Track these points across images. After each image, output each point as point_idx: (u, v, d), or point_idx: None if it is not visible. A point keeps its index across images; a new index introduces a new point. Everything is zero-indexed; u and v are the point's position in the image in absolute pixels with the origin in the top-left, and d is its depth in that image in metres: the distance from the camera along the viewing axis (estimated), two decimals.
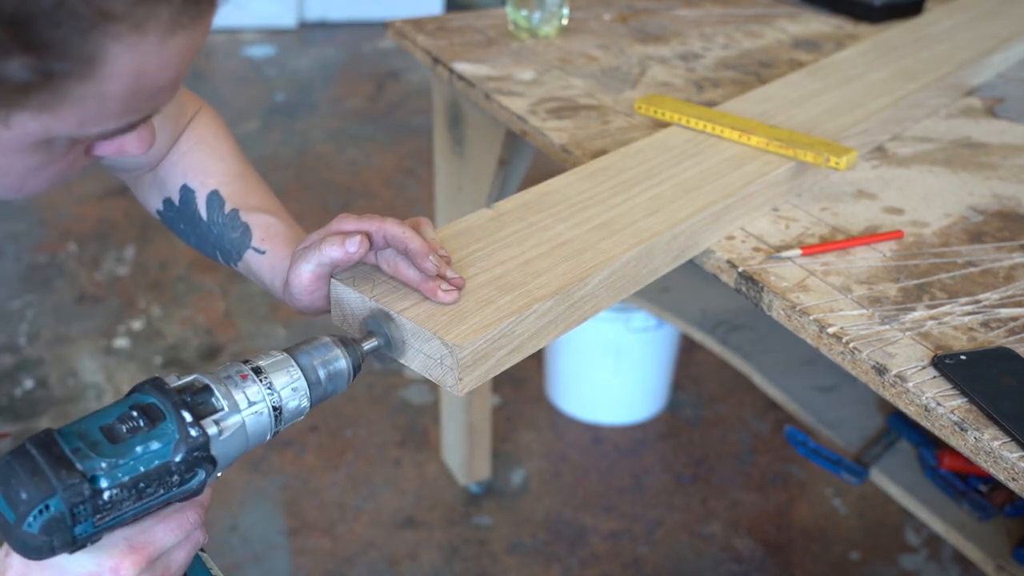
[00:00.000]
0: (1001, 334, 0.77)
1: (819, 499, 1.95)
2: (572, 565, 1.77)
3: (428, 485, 1.94)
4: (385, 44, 4.34)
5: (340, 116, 3.59)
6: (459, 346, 0.63)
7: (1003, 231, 0.93)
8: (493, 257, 0.75)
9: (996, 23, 1.41)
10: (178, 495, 0.55)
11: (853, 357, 0.75)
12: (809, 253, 0.87)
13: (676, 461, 2.03)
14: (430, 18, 1.52)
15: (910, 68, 1.21)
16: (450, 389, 0.66)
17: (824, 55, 1.39)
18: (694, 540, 1.83)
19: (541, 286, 0.71)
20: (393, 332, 0.68)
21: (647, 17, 1.57)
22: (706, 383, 2.27)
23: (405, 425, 2.09)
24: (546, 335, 0.72)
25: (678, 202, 0.85)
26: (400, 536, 1.82)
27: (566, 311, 0.73)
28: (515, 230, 0.79)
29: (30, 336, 2.31)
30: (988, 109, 1.23)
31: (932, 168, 1.06)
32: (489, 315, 0.67)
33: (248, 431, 0.57)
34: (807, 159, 0.93)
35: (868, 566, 1.79)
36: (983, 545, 1.17)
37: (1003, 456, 0.65)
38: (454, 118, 1.47)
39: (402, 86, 3.91)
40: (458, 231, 0.78)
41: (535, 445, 2.06)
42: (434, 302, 0.67)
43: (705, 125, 1.00)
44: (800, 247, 0.87)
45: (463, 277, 0.70)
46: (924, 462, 1.30)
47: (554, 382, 2.15)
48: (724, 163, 0.93)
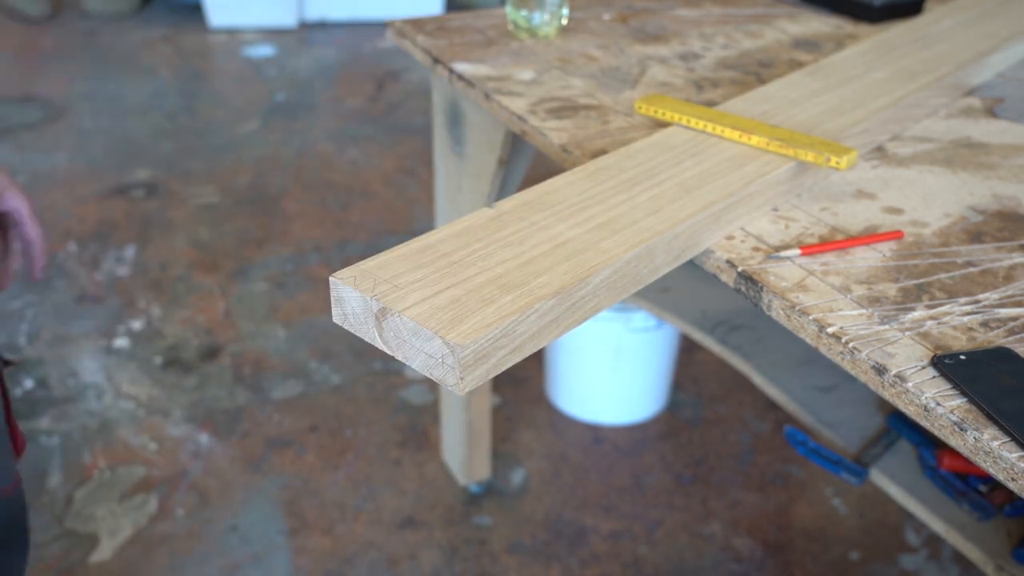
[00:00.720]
0: (1001, 334, 0.77)
1: (819, 499, 1.95)
2: (572, 565, 1.77)
3: (428, 485, 1.94)
4: (385, 44, 4.34)
5: (340, 116, 3.59)
6: (460, 345, 0.63)
7: (1003, 231, 0.93)
8: (494, 256, 0.75)
9: (996, 23, 1.41)
10: None
11: (852, 357, 0.75)
12: (808, 253, 0.87)
13: (676, 461, 2.03)
14: (430, 18, 1.52)
15: (910, 68, 1.21)
16: (451, 388, 0.66)
17: (824, 55, 1.39)
18: (694, 540, 1.83)
19: (542, 285, 0.71)
20: None
21: (647, 17, 1.57)
22: (706, 383, 2.27)
23: (405, 425, 2.09)
24: (547, 335, 0.72)
25: (679, 202, 0.85)
26: (400, 536, 1.82)
27: (567, 311, 0.73)
28: (516, 229, 0.79)
29: (30, 336, 2.31)
30: (988, 109, 1.23)
31: (932, 168, 1.06)
32: (490, 314, 0.67)
33: None
34: (808, 159, 0.93)
35: (868, 566, 1.79)
36: (983, 545, 1.17)
37: (1003, 456, 0.65)
38: (454, 118, 1.47)
39: (402, 86, 3.91)
40: (459, 231, 0.78)
41: (535, 445, 2.06)
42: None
43: (706, 125, 1.00)
44: (799, 247, 0.87)
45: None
46: (924, 462, 1.30)
47: (554, 382, 2.15)
48: (725, 163, 0.93)
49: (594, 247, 0.77)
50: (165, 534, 1.80)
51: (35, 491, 1.88)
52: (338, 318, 0.73)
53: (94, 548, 1.77)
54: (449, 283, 0.70)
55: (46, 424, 2.05)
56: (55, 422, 2.05)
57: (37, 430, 2.03)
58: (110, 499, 1.87)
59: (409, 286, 0.70)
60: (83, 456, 1.97)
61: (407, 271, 0.71)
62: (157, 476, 1.93)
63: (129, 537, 1.79)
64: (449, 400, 1.86)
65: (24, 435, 1.03)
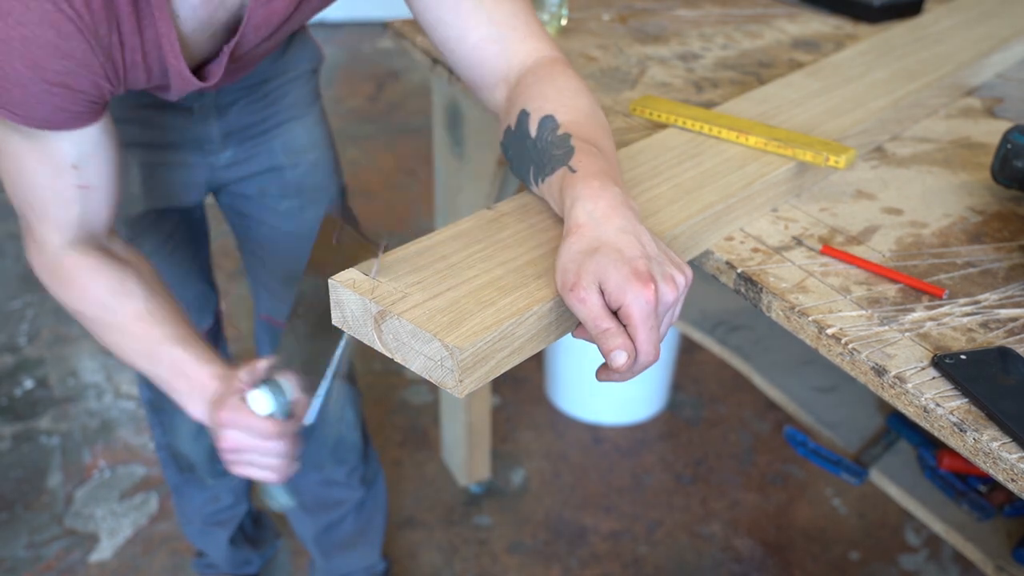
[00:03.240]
0: (1000, 335, 0.77)
1: (819, 499, 1.95)
2: (572, 565, 1.77)
3: (428, 485, 1.94)
4: (385, 44, 4.34)
5: (340, 116, 3.59)
6: (459, 348, 0.63)
7: (1002, 231, 0.93)
8: (494, 258, 0.74)
9: (996, 23, 1.41)
10: None
11: (852, 358, 0.75)
12: (828, 253, 0.86)
13: (676, 461, 2.03)
14: None
15: (910, 68, 1.21)
16: (451, 391, 0.66)
17: (823, 55, 1.39)
18: (694, 540, 1.83)
19: (541, 287, 0.71)
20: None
21: (646, 17, 1.57)
22: (706, 383, 2.27)
23: (405, 425, 2.09)
24: (546, 337, 0.72)
25: (679, 202, 0.85)
26: (400, 536, 1.82)
27: (566, 312, 0.72)
28: (516, 231, 0.79)
29: (30, 336, 2.31)
30: (988, 109, 1.23)
31: (931, 168, 1.06)
32: (489, 317, 0.67)
33: None
34: (806, 158, 0.93)
35: (868, 566, 1.79)
36: (983, 545, 1.17)
37: (1002, 457, 0.65)
38: (454, 118, 1.47)
39: (402, 86, 3.91)
40: (458, 232, 0.78)
41: (535, 445, 2.06)
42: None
43: (702, 126, 0.99)
44: (822, 245, 0.87)
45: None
46: (924, 462, 1.30)
47: (554, 382, 2.15)
48: (725, 164, 0.93)
49: None
50: (165, 534, 1.80)
51: (35, 491, 1.88)
52: (337, 321, 0.72)
53: (94, 548, 1.77)
54: (448, 285, 0.70)
55: (46, 424, 2.05)
56: (55, 422, 2.06)
57: (37, 430, 2.03)
58: (110, 499, 1.87)
59: (408, 289, 0.70)
60: (83, 456, 1.97)
61: (406, 273, 0.71)
62: (157, 476, 1.92)
63: (129, 537, 1.79)
64: (449, 400, 1.86)
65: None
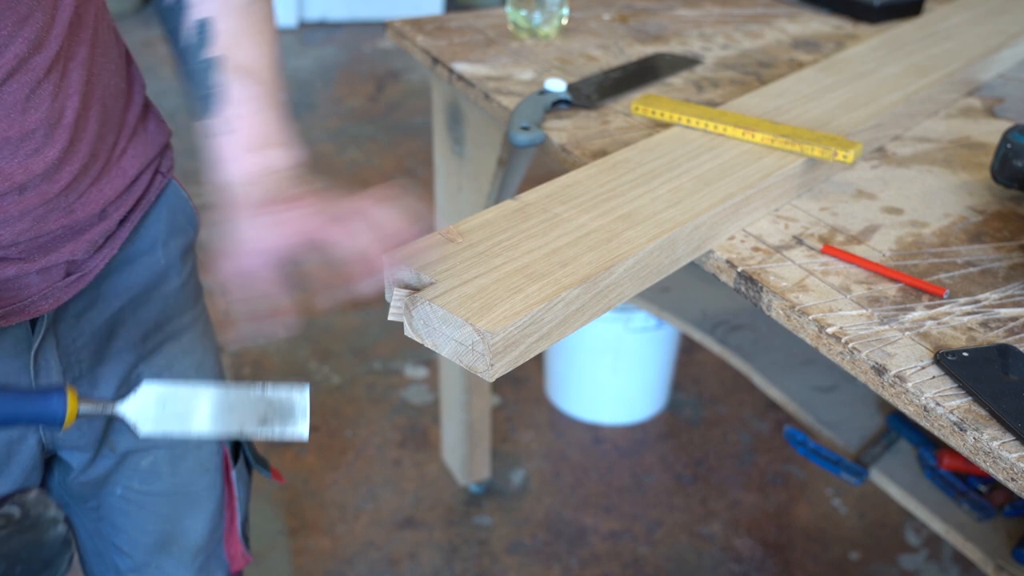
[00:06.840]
0: (1000, 334, 0.77)
1: (819, 499, 1.95)
2: (572, 565, 1.77)
3: (428, 485, 1.94)
4: (385, 44, 4.34)
5: (340, 116, 3.59)
6: (491, 332, 0.64)
7: (1002, 231, 0.93)
8: (520, 247, 0.75)
9: (1004, 19, 1.42)
10: None
11: (852, 357, 0.75)
12: (828, 253, 0.86)
13: (676, 461, 2.03)
14: (430, 18, 1.52)
15: (921, 64, 1.22)
16: (481, 375, 0.67)
17: (824, 55, 1.39)
18: (694, 540, 1.83)
19: (568, 274, 0.72)
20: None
21: (647, 17, 1.57)
22: (706, 383, 2.27)
23: (405, 425, 2.09)
24: (573, 322, 0.73)
25: (698, 194, 0.87)
26: (400, 536, 1.82)
27: (592, 299, 0.74)
28: (540, 220, 0.80)
29: None
30: (988, 109, 1.23)
31: (931, 168, 1.06)
32: (519, 303, 0.68)
33: None
34: (815, 154, 0.94)
35: (868, 566, 1.79)
36: (983, 545, 1.17)
37: (1002, 456, 0.65)
38: (454, 118, 1.47)
39: (402, 86, 3.91)
40: (483, 222, 0.79)
41: (535, 445, 2.06)
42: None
43: (706, 124, 1.00)
44: (823, 244, 0.88)
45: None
46: (924, 462, 1.30)
47: (554, 382, 2.15)
48: (742, 157, 0.95)
49: (618, 237, 0.78)
50: None
51: None
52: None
53: None
54: (476, 273, 0.71)
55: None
56: None
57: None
58: None
59: (437, 275, 0.70)
60: None
61: (434, 262, 0.72)
62: None
63: None
64: (449, 400, 1.86)
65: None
